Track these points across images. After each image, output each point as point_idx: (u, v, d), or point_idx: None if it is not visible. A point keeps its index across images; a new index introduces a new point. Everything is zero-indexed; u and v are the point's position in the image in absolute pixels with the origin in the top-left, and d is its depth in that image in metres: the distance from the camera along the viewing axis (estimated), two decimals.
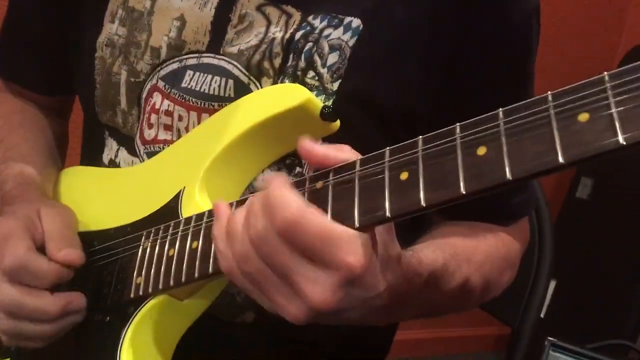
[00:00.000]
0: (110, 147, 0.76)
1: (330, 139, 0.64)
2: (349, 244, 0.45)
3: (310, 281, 0.45)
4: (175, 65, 0.70)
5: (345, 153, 0.50)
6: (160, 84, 0.71)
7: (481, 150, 0.42)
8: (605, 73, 0.38)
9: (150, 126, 0.71)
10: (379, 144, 0.49)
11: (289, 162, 0.67)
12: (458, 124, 0.44)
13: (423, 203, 0.44)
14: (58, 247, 0.63)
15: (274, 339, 0.74)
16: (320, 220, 0.45)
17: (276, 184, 0.46)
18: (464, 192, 0.42)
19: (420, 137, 0.46)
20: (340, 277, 0.45)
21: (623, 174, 2.00)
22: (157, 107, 0.71)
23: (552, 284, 1.98)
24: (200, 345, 0.65)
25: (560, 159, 0.38)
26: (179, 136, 0.70)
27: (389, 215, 0.45)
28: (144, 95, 0.72)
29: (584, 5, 2.16)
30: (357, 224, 0.46)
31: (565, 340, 1.68)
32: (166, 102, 0.70)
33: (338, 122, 0.62)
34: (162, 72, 0.70)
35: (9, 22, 0.85)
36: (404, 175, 0.45)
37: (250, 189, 0.66)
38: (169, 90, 0.70)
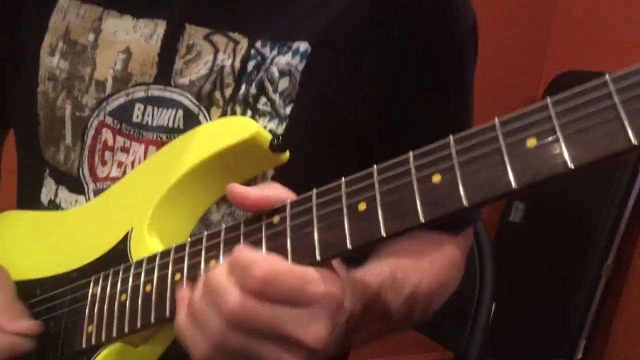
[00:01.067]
0: (49, 187, 0.74)
1: (284, 164, 0.64)
2: (325, 278, 0.46)
3: (301, 326, 0.45)
4: (122, 100, 0.69)
5: (278, 190, 0.51)
6: (108, 119, 0.69)
7: (436, 178, 0.43)
8: (549, 99, 0.41)
9: (103, 163, 0.70)
10: (332, 168, 0.50)
11: None
12: (411, 152, 0.46)
13: (383, 233, 0.44)
14: (12, 319, 0.62)
15: None
16: (291, 266, 0.46)
17: (238, 251, 0.47)
18: (423, 221, 0.43)
19: (375, 166, 0.47)
20: (328, 310, 0.46)
21: (553, 197, 2.08)
22: (110, 144, 0.69)
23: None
24: None
25: (514, 185, 0.40)
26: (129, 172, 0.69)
27: (350, 248, 0.46)
28: (90, 132, 0.70)
29: (508, 34, 2.27)
30: (318, 258, 0.47)
31: None
32: (120, 138, 0.69)
33: (287, 153, 0.62)
34: (109, 107, 0.69)
35: None
36: (362, 206, 0.46)
37: (204, 222, 0.65)
38: (119, 127, 0.69)
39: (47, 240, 0.71)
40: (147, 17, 0.69)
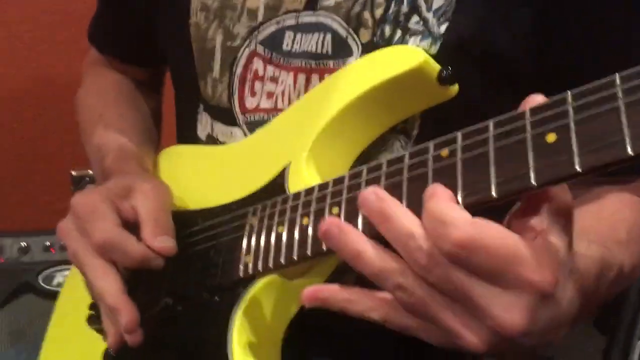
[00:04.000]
0: (205, 122, 0.74)
1: None
2: (540, 256, 0.39)
3: (496, 304, 0.39)
4: (273, 28, 0.67)
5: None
6: (260, 48, 0.68)
7: None
8: None
9: (253, 94, 0.69)
10: (483, 98, 0.46)
11: (399, 129, 0.63)
12: (617, 73, 0.38)
13: (578, 168, 0.37)
14: (153, 233, 0.62)
15: None
16: (500, 235, 0.39)
17: (434, 201, 0.40)
18: (631, 153, 0.35)
19: (568, 91, 0.40)
20: (530, 297, 0.39)
21: None
22: (260, 74, 0.68)
23: None
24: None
25: None
26: (280, 102, 0.67)
27: (535, 184, 0.39)
28: (241, 62, 0.70)
29: None
30: (494, 195, 0.41)
31: None
32: (270, 68, 0.67)
33: (457, 87, 0.57)
34: (260, 36, 0.68)
35: None
36: (550, 137, 0.39)
37: (361, 159, 0.62)
38: (269, 55, 0.67)
39: (208, 174, 0.72)
40: None
